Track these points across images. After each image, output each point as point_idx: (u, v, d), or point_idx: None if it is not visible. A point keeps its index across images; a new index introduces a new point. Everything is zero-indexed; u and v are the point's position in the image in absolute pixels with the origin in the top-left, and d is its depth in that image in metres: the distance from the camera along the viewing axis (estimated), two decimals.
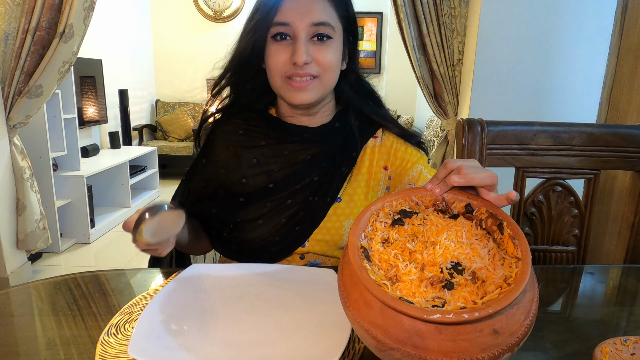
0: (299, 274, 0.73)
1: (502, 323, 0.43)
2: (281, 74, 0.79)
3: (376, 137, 0.90)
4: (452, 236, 0.49)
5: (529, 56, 2.12)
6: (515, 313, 0.44)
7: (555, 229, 1.06)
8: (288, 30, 0.77)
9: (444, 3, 2.20)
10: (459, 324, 0.42)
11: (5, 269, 2.21)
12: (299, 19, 0.76)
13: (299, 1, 0.77)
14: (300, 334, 0.57)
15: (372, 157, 0.89)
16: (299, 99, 0.80)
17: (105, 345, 0.54)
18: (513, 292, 0.43)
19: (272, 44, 0.79)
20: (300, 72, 0.77)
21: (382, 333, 0.44)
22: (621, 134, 1.02)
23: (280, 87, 0.81)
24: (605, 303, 0.72)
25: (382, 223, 0.54)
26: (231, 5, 4.68)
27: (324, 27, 0.77)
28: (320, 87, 0.81)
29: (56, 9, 2.07)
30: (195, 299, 0.65)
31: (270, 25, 0.77)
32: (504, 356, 0.43)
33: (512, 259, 0.48)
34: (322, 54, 0.78)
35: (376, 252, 0.51)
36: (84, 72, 3.37)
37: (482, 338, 0.42)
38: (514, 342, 0.43)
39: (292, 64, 0.77)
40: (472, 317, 0.41)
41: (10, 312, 0.64)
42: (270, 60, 0.79)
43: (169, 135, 4.69)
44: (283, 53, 0.78)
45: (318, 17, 0.77)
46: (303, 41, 0.76)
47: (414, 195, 0.56)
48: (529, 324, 0.44)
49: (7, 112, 2.14)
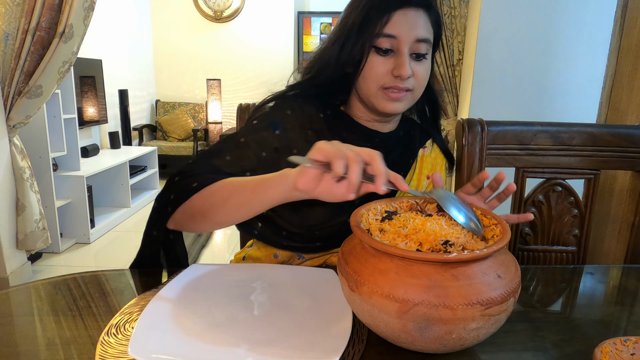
0: (299, 273, 0.73)
1: (502, 269, 0.51)
2: (378, 84, 0.80)
3: (425, 147, 0.95)
4: (434, 224, 0.56)
5: (529, 56, 2.12)
6: (508, 263, 0.53)
7: (555, 229, 1.06)
8: (393, 43, 0.77)
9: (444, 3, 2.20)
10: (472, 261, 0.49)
11: (5, 269, 2.21)
12: (406, 33, 0.77)
13: (407, 15, 0.77)
14: (301, 334, 0.57)
15: (421, 166, 0.94)
16: (391, 109, 0.81)
17: (105, 345, 0.54)
18: (505, 237, 0.52)
19: (374, 53, 0.79)
20: (400, 86, 0.78)
21: (404, 292, 0.48)
22: (621, 134, 1.02)
23: (374, 96, 0.81)
24: (605, 303, 0.72)
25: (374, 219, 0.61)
26: (231, 5, 4.68)
27: (424, 43, 0.79)
28: (411, 99, 0.83)
29: (56, 9, 2.07)
30: (195, 299, 0.65)
31: (377, 35, 0.77)
32: (510, 300, 0.50)
33: (491, 226, 0.58)
34: (420, 69, 0.80)
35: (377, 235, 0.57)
36: (83, 72, 3.37)
37: (492, 281, 0.49)
38: (514, 287, 0.51)
39: (393, 76, 0.78)
40: (483, 253, 0.48)
41: (10, 312, 0.64)
42: (370, 70, 0.79)
43: (169, 135, 4.69)
44: (385, 64, 0.78)
45: (422, 33, 0.78)
46: (406, 55, 0.77)
47: (393, 202, 0.65)
48: (519, 275, 0.53)
49: (7, 112, 2.14)
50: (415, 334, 0.49)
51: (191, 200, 0.72)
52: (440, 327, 0.48)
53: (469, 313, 0.47)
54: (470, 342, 0.50)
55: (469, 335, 0.49)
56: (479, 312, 0.47)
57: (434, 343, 0.50)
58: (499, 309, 0.49)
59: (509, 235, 0.52)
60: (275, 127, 0.82)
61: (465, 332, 0.48)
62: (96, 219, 3.09)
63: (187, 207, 0.73)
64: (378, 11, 0.77)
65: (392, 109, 0.81)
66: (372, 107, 0.83)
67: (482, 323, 0.48)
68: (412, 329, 0.49)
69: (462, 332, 0.48)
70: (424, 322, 0.48)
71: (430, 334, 0.49)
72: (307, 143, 0.81)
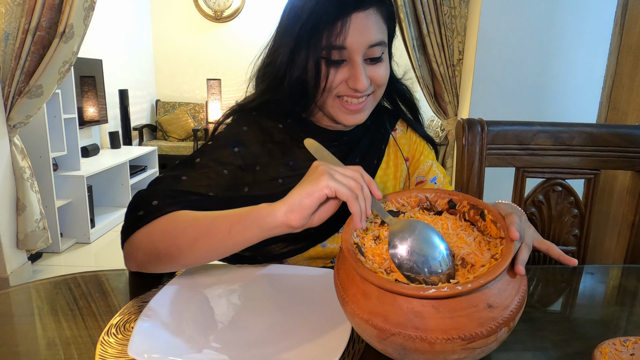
0: (299, 273, 0.73)
1: (495, 297, 0.45)
2: (333, 95, 0.75)
3: (396, 129, 0.92)
4: (438, 229, 0.52)
5: (529, 56, 2.13)
6: (506, 288, 0.47)
7: (555, 229, 1.06)
8: (344, 53, 0.72)
9: (444, 3, 2.20)
10: (454, 296, 0.44)
11: (5, 268, 2.21)
12: (357, 41, 0.70)
13: (356, 21, 0.70)
14: (300, 334, 0.57)
15: (396, 149, 0.90)
16: (353, 121, 0.76)
17: (105, 345, 0.54)
18: (501, 264, 0.46)
19: (324, 64, 0.72)
20: (357, 95, 0.74)
21: (382, 320, 0.45)
22: (621, 134, 1.02)
23: (331, 106, 0.76)
24: (605, 303, 0.72)
25: (372, 223, 0.58)
26: (231, 5, 4.68)
27: (379, 47, 0.73)
28: (373, 102, 0.78)
29: (56, 8, 2.07)
30: (195, 299, 0.65)
31: (326, 48, 0.71)
32: (501, 331, 0.45)
33: (497, 239, 0.52)
34: (377, 72, 0.74)
35: (369, 248, 0.54)
36: (84, 72, 3.37)
37: (478, 313, 0.44)
38: (508, 316, 0.45)
39: (349, 87, 0.73)
40: (466, 288, 0.43)
41: (10, 312, 0.64)
42: (322, 81, 0.73)
43: (169, 135, 4.69)
44: (339, 75, 0.73)
45: (375, 37, 0.72)
46: (361, 65, 0.72)
47: (399, 197, 0.60)
48: (520, 299, 0.47)
49: (7, 112, 2.14)
50: (397, 357, 0.48)
51: (153, 242, 0.65)
52: (419, 356, 0.46)
53: (449, 347, 0.44)
54: None
55: None
56: (459, 346, 0.44)
57: None
58: (485, 342, 0.44)
59: (507, 260, 0.46)
60: (234, 145, 0.76)
61: None
62: (96, 219, 3.10)
63: (149, 249, 0.66)
64: (323, 21, 0.70)
65: (353, 121, 0.77)
66: (332, 118, 0.79)
67: (464, 355, 0.45)
68: (392, 353, 0.48)
69: None
70: (402, 350, 0.46)
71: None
72: (270, 158, 0.78)
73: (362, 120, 0.77)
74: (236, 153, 0.76)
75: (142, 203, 0.68)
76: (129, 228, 0.68)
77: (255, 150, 0.78)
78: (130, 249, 0.69)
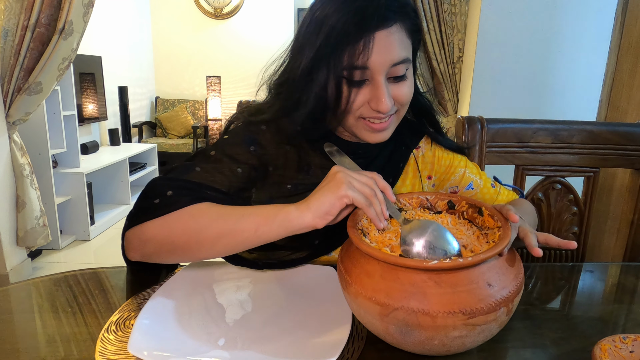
0: (299, 272, 0.73)
1: (494, 277, 0.48)
2: (355, 116, 0.71)
3: (419, 147, 0.88)
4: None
5: (529, 54, 2.12)
6: (504, 272, 0.50)
7: (555, 226, 1.06)
8: (366, 73, 0.67)
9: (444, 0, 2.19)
10: (455, 269, 0.47)
11: (5, 265, 2.21)
12: (380, 60, 0.66)
13: (379, 39, 0.66)
14: (300, 332, 0.57)
15: (415, 169, 0.87)
16: (377, 139, 0.74)
17: (105, 342, 0.54)
18: (500, 244, 0.49)
19: (345, 84, 0.68)
20: (381, 116, 0.71)
21: (385, 295, 0.48)
22: (621, 132, 1.02)
23: (354, 126, 0.73)
24: (605, 301, 0.72)
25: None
26: (231, 2, 4.66)
27: (403, 65, 0.69)
28: (397, 120, 0.76)
29: (56, 5, 2.07)
30: (195, 297, 0.65)
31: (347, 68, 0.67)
32: (500, 310, 0.47)
33: (494, 229, 0.57)
34: (401, 91, 0.71)
35: (373, 236, 0.58)
36: (83, 69, 3.36)
37: (479, 290, 0.47)
38: (506, 296, 0.48)
39: (371, 109, 0.70)
40: (467, 262, 0.46)
41: (10, 309, 0.64)
42: (343, 102, 0.69)
43: (169, 133, 4.68)
44: (361, 96, 0.69)
45: (399, 56, 0.68)
46: (384, 85, 0.68)
47: (401, 198, 0.64)
48: (518, 285, 0.50)
49: (6, 109, 2.13)
50: (398, 337, 0.49)
51: (170, 235, 0.64)
52: (421, 332, 0.47)
53: (450, 321, 0.46)
54: (455, 349, 0.49)
55: (452, 342, 0.48)
56: (460, 321, 0.46)
57: (417, 347, 0.49)
58: (484, 319, 0.47)
59: (505, 243, 0.50)
60: (250, 143, 0.75)
61: (447, 339, 0.47)
62: (96, 216, 3.10)
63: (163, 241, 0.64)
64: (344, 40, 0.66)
65: (377, 139, 0.74)
66: (355, 136, 0.76)
67: (465, 332, 0.47)
68: (394, 332, 0.49)
69: (444, 339, 0.47)
70: (404, 326, 0.47)
71: (412, 338, 0.48)
72: (286, 160, 0.77)
73: (386, 138, 0.75)
74: (252, 152, 0.75)
75: (156, 192, 0.67)
76: (140, 215, 0.66)
77: (271, 151, 0.77)
78: (136, 239, 0.67)
